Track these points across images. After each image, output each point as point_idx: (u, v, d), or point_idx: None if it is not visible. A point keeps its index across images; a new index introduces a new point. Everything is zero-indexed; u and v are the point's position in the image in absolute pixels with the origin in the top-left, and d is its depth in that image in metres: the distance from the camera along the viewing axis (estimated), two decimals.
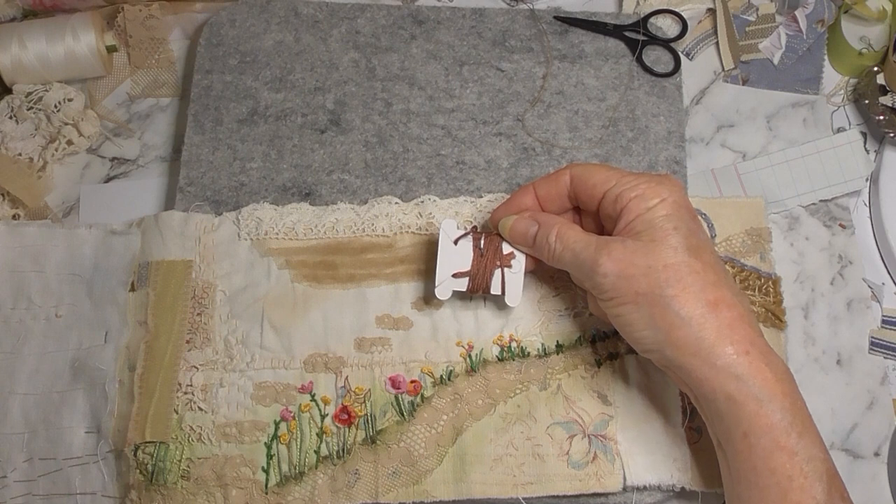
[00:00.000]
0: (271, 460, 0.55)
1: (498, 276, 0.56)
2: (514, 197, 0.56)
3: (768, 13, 0.73)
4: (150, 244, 0.60)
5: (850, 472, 0.59)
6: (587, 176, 0.52)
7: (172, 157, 0.68)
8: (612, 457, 0.55)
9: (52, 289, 0.61)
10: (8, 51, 0.67)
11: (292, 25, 0.70)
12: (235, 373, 0.57)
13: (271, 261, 0.60)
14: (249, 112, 0.67)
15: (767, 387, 0.46)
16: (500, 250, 0.56)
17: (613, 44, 0.69)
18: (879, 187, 0.66)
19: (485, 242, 0.56)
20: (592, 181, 0.52)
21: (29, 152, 0.68)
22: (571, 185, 0.53)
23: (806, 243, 0.65)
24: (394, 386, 0.57)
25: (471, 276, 0.56)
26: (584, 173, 0.52)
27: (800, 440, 0.45)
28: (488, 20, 0.70)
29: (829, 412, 0.61)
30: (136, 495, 0.54)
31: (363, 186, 0.64)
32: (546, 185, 0.54)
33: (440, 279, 0.56)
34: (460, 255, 0.56)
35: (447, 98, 0.67)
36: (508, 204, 0.56)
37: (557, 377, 0.57)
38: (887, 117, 0.67)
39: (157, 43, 0.71)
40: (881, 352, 0.62)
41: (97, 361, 0.58)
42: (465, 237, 0.56)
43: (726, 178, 0.66)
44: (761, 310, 0.59)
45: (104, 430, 0.56)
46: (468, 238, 0.56)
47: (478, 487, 0.55)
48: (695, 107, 0.70)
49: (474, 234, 0.56)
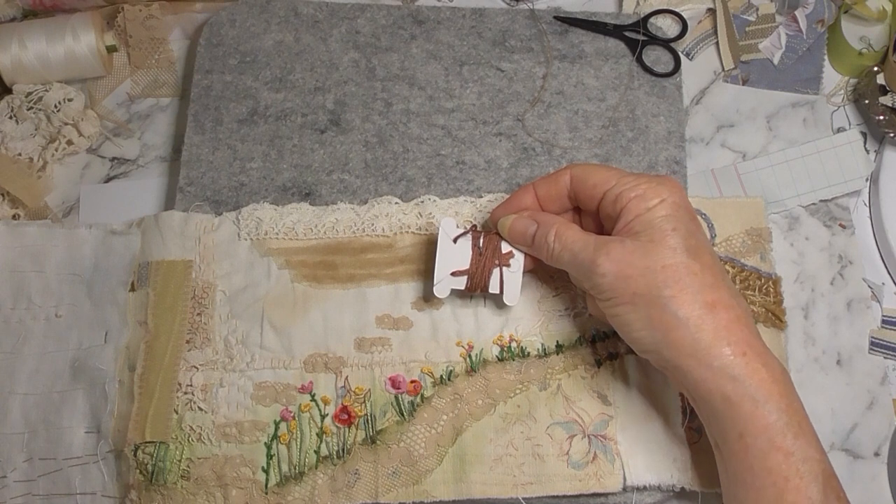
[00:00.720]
0: (271, 460, 0.55)
1: (496, 275, 0.56)
2: (513, 197, 0.56)
3: (768, 13, 0.73)
4: (150, 244, 0.60)
5: (850, 472, 0.59)
6: (587, 176, 0.52)
7: (172, 157, 0.68)
8: (611, 457, 0.55)
9: (52, 289, 0.61)
10: (8, 51, 0.67)
11: (292, 25, 0.70)
12: (235, 373, 0.57)
13: (271, 261, 0.60)
14: (249, 112, 0.67)
15: (764, 387, 0.46)
16: (499, 249, 0.56)
17: (613, 44, 0.69)
18: (879, 187, 0.66)
19: (484, 241, 0.56)
20: (592, 181, 0.52)
21: (29, 152, 0.68)
22: (571, 185, 0.53)
23: (806, 243, 0.65)
24: (394, 386, 0.57)
25: (469, 275, 0.56)
26: (583, 173, 0.52)
27: (795, 441, 0.45)
28: (488, 20, 0.70)
29: (829, 412, 0.61)
30: (136, 495, 0.54)
31: (363, 186, 0.64)
32: (546, 185, 0.54)
33: (439, 277, 0.56)
34: (459, 254, 0.56)
35: (447, 98, 0.67)
36: (508, 203, 0.56)
37: (557, 377, 0.57)
38: (887, 117, 0.67)
39: (157, 43, 0.71)
40: (881, 352, 0.62)
41: (97, 361, 0.58)
42: (465, 236, 0.56)
43: (726, 178, 0.66)
44: (761, 310, 0.59)
45: (104, 430, 0.56)
46: (467, 237, 0.56)
47: (478, 487, 0.55)
48: (695, 107, 0.70)
49: (473, 233, 0.56)
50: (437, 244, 0.56)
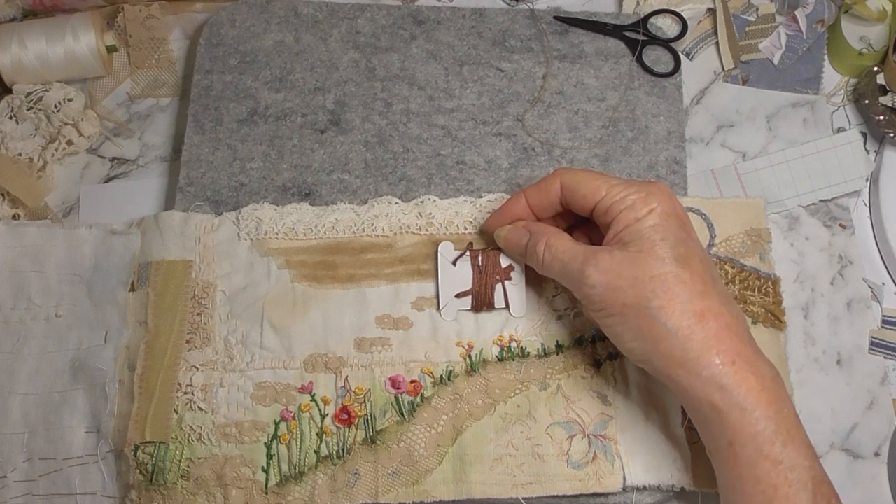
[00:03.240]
0: (271, 460, 0.55)
1: (500, 290, 0.57)
2: (505, 205, 0.56)
3: (768, 13, 0.73)
4: (150, 244, 0.60)
5: (850, 472, 0.59)
6: (577, 186, 0.52)
7: (172, 157, 0.68)
8: (611, 457, 0.55)
9: (52, 289, 0.61)
10: (8, 51, 0.67)
11: (292, 25, 0.70)
12: (235, 373, 0.57)
13: (271, 261, 0.60)
14: (249, 112, 0.67)
15: (752, 396, 0.46)
16: (499, 264, 0.57)
17: (613, 44, 0.69)
18: (879, 187, 0.66)
19: (482, 259, 0.57)
20: (582, 192, 0.51)
21: (29, 152, 0.68)
22: (562, 193, 0.53)
23: (806, 243, 0.65)
24: (394, 386, 0.57)
25: (473, 295, 0.57)
26: (573, 182, 0.52)
27: (784, 449, 0.45)
28: (488, 20, 0.70)
29: (829, 412, 0.61)
30: (136, 495, 0.54)
31: (363, 186, 0.64)
32: (537, 193, 0.54)
33: (444, 301, 0.57)
34: (461, 275, 0.58)
35: (447, 98, 0.67)
36: (500, 213, 0.56)
37: (557, 377, 0.57)
38: (887, 117, 0.67)
39: (157, 43, 0.71)
40: (881, 352, 0.62)
41: (97, 361, 0.58)
42: (463, 257, 0.57)
43: (726, 178, 0.66)
44: (761, 310, 0.59)
45: (104, 430, 0.56)
46: (466, 257, 0.57)
47: (478, 487, 0.55)
48: (695, 107, 0.70)
49: (471, 252, 0.57)
50: (437, 269, 0.57)
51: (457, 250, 0.57)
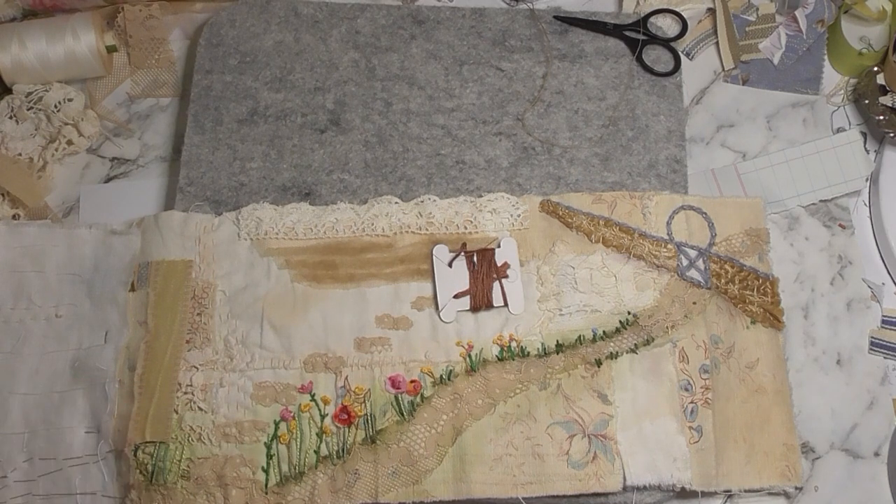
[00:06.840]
0: (271, 460, 0.55)
1: (497, 288, 0.57)
2: None
3: (768, 13, 0.73)
4: (150, 244, 0.60)
5: (850, 472, 0.59)
6: None
7: (172, 157, 0.68)
8: (611, 456, 0.55)
9: (52, 289, 0.61)
10: (8, 51, 0.67)
11: (292, 25, 0.70)
12: (235, 373, 0.57)
13: (271, 261, 0.60)
14: (249, 112, 0.67)
15: None
16: (494, 263, 0.57)
17: (613, 43, 0.69)
18: (879, 187, 0.66)
19: (478, 258, 0.57)
20: None
21: (29, 152, 0.68)
22: None
23: (806, 243, 0.65)
24: (394, 386, 0.57)
25: (471, 294, 0.58)
26: None
27: None
28: (488, 20, 0.70)
29: (829, 412, 0.61)
30: (136, 495, 0.54)
31: (363, 186, 0.64)
32: None
33: (442, 303, 0.58)
34: (457, 276, 0.58)
35: (447, 98, 0.67)
36: None
37: (557, 377, 0.57)
38: (887, 117, 0.67)
39: (157, 43, 0.71)
40: (881, 352, 0.62)
41: (97, 361, 0.58)
42: (458, 258, 0.57)
43: (726, 178, 0.66)
44: (759, 310, 0.59)
45: (104, 430, 0.56)
46: (461, 258, 0.57)
47: (478, 487, 0.55)
48: (695, 107, 0.70)
49: (466, 253, 0.58)
50: (434, 271, 0.58)
51: (452, 252, 0.58)
